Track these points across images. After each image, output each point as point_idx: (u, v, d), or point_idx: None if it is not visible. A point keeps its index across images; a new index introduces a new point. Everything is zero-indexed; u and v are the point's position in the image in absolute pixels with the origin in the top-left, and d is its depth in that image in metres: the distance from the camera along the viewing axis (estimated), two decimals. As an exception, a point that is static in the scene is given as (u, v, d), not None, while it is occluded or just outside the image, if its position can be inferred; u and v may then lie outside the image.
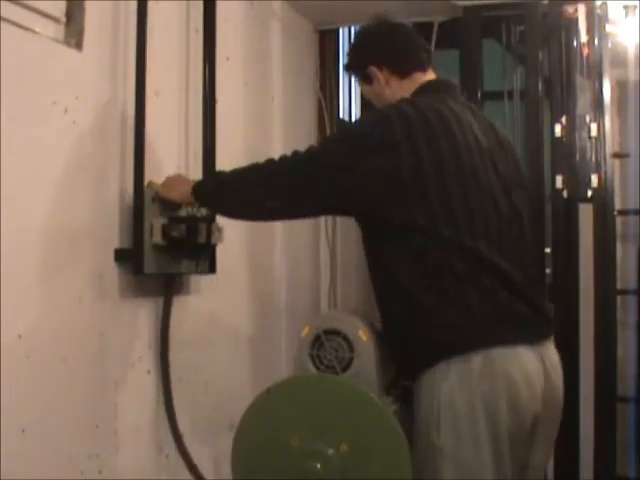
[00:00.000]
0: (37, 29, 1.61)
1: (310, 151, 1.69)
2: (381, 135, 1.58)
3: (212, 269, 2.10)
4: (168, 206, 1.91)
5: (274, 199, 1.69)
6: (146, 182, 1.87)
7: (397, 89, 1.77)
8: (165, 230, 1.88)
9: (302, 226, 2.10)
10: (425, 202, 1.57)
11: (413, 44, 1.82)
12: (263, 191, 1.70)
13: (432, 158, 1.57)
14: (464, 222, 1.58)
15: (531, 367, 1.58)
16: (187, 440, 2.05)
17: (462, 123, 1.64)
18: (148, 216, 1.86)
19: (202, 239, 1.94)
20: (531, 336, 1.62)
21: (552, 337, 1.69)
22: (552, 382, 1.64)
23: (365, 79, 1.82)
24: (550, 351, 1.66)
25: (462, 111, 1.68)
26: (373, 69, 1.78)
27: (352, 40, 1.91)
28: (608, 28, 2.73)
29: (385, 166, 1.57)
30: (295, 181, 1.67)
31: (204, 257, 2.05)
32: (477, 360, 1.53)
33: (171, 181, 1.90)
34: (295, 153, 1.69)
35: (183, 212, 1.95)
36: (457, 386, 1.54)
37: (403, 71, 1.78)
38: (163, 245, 1.88)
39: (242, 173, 1.78)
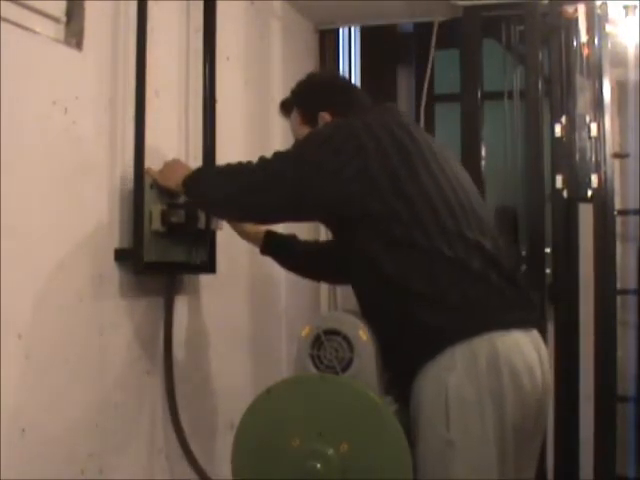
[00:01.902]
0: (37, 29, 1.61)
1: (278, 154, 1.73)
2: (345, 136, 1.64)
3: (212, 269, 2.10)
4: (166, 192, 1.91)
5: (244, 195, 1.73)
6: (146, 181, 1.88)
7: None
8: (164, 216, 1.88)
9: (302, 226, 2.11)
10: (399, 190, 1.60)
11: (356, 89, 1.96)
12: (234, 187, 1.74)
13: (397, 151, 1.63)
14: (442, 206, 1.61)
15: (531, 356, 1.60)
16: (187, 439, 2.05)
17: (415, 127, 1.75)
18: (147, 205, 1.86)
19: (201, 225, 1.95)
20: (525, 321, 1.63)
21: (537, 327, 1.70)
22: (545, 372, 1.65)
23: (309, 121, 1.86)
24: (541, 342, 1.67)
25: (409, 121, 1.79)
26: (326, 116, 1.83)
27: (301, 84, 1.95)
28: (608, 28, 2.73)
29: (351, 163, 1.61)
30: (266, 178, 1.69)
31: (203, 244, 2.05)
32: (482, 351, 1.54)
33: (168, 169, 1.91)
34: (263, 156, 1.73)
35: (182, 198, 1.95)
36: (465, 380, 1.54)
37: (347, 112, 1.82)
38: (163, 231, 1.88)
39: (220, 170, 1.83)
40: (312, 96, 1.91)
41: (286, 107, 1.95)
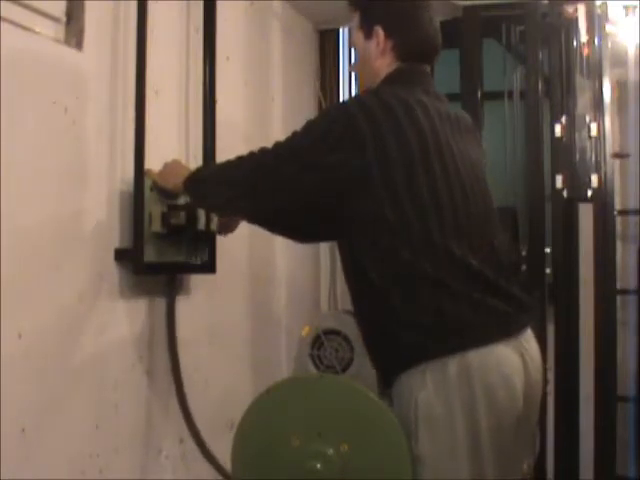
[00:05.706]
0: (37, 29, 1.61)
1: (275, 149, 1.66)
2: (343, 130, 1.54)
3: (212, 269, 2.10)
4: (166, 193, 1.91)
5: (243, 198, 1.68)
6: (146, 182, 1.87)
7: (387, 65, 1.70)
8: (164, 218, 1.88)
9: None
10: (394, 197, 1.53)
11: (431, 41, 1.75)
12: (233, 191, 1.69)
13: (399, 150, 1.53)
14: (434, 217, 1.54)
15: (510, 367, 1.54)
16: (187, 440, 2.06)
17: (429, 112, 1.59)
18: (147, 207, 1.86)
19: (201, 226, 1.95)
20: (508, 329, 1.57)
21: (529, 326, 1.64)
22: (532, 377, 1.60)
23: (366, 30, 1.71)
24: (530, 343, 1.62)
25: (429, 100, 1.64)
26: (380, 32, 1.68)
27: None
28: (608, 28, 2.74)
29: (348, 161, 1.53)
30: (260, 180, 1.64)
31: (203, 246, 2.05)
32: (453, 368, 1.50)
33: (168, 170, 1.89)
34: (261, 150, 1.67)
35: (182, 199, 1.95)
36: (434, 396, 1.50)
37: (402, 56, 1.70)
38: (163, 233, 1.88)
39: (218, 171, 1.78)
40: (374, 5, 1.72)
41: (351, 4, 1.77)
